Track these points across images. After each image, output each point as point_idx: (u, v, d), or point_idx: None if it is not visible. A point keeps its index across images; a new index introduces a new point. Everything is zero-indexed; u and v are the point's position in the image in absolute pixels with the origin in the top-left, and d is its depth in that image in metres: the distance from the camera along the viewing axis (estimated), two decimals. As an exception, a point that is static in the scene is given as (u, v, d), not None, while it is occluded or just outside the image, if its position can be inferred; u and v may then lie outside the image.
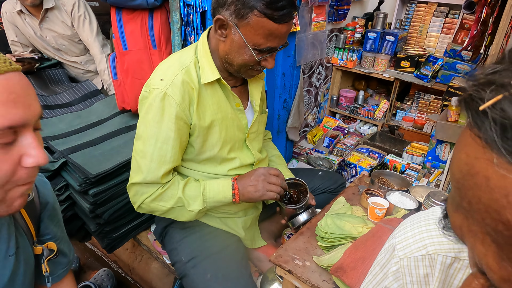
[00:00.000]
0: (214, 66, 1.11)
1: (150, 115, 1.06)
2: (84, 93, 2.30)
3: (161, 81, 1.06)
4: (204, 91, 1.12)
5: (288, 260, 1.04)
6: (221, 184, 1.15)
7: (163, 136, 1.07)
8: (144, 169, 1.07)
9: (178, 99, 1.05)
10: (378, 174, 1.46)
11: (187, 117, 1.09)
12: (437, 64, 2.38)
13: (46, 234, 0.91)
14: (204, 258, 1.25)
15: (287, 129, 2.15)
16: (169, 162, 1.09)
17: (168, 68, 1.09)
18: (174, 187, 1.12)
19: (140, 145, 1.09)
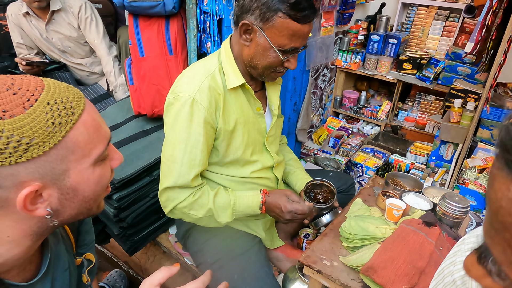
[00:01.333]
0: (238, 71, 1.16)
1: (179, 121, 1.10)
2: (94, 96, 2.32)
3: (188, 87, 1.10)
4: (229, 96, 1.17)
5: (317, 261, 1.10)
6: (250, 200, 1.21)
7: (193, 141, 1.11)
8: (175, 173, 1.11)
9: (206, 104, 1.09)
10: (391, 176, 1.53)
11: (213, 121, 1.13)
12: (438, 67, 2.46)
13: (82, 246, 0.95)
14: (230, 259, 1.29)
15: (297, 131, 2.21)
16: (198, 166, 1.13)
17: (194, 75, 1.14)
18: (204, 197, 1.16)
19: (170, 151, 1.13)
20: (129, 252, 1.62)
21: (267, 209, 1.23)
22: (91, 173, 0.61)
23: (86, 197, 0.63)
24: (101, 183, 0.64)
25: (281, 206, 1.20)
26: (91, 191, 0.63)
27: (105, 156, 0.64)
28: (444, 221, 1.23)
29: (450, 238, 1.16)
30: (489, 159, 2.11)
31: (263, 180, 1.37)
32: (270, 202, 1.23)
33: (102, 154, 0.62)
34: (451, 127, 2.11)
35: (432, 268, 0.96)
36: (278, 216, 1.24)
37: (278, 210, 1.21)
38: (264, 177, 1.37)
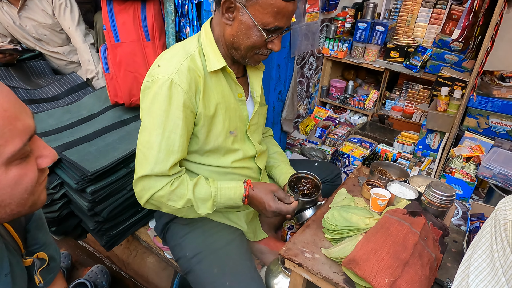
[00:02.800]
0: (219, 54, 1.11)
1: (156, 105, 1.04)
2: (71, 86, 2.21)
3: (166, 69, 1.04)
4: (209, 80, 1.11)
5: (298, 253, 1.05)
6: (232, 192, 1.15)
7: (171, 125, 1.04)
8: (151, 160, 1.04)
9: (185, 87, 1.03)
10: (376, 165, 1.49)
11: (193, 105, 1.07)
12: (426, 55, 2.42)
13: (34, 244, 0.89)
14: (210, 253, 1.25)
15: (282, 121, 2.15)
16: (177, 152, 1.07)
17: (172, 56, 1.08)
18: (183, 186, 1.09)
19: (146, 136, 1.06)
20: (106, 247, 1.56)
21: (250, 202, 1.19)
22: (3, 174, 0.52)
23: (2, 202, 0.54)
24: (21, 186, 0.56)
25: (265, 204, 1.16)
26: (6, 196, 0.54)
27: (25, 153, 0.55)
28: (430, 210, 1.19)
29: (436, 228, 1.12)
30: (475, 148, 2.10)
31: (245, 170, 1.32)
32: (254, 196, 1.17)
33: (19, 151, 0.53)
34: (438, 115, 2.08)
35: (416, 259, 0.92)
36: (260, 211, 1.21)
37: (261, 207, 1.18)
38: (246, 167, 1.32)
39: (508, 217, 0.71)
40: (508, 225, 0.71)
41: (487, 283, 0.71)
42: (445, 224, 1.16)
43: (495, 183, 1.88)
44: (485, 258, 0.74)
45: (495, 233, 0.72)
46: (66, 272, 1.96)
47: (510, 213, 0.72)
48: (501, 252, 0.70)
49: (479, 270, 0.74)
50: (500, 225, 0.72)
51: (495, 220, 0.74)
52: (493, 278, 0.71)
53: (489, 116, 2.22)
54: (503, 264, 0.69)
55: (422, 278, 0.89)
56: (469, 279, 0.74)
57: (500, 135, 2.24)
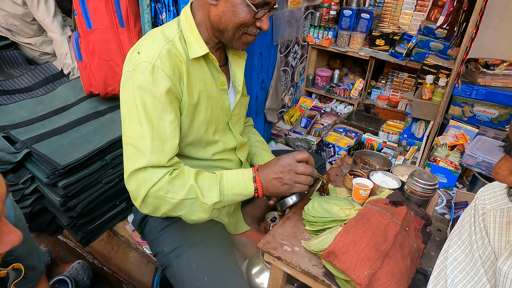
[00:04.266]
0: (201, 40, 1.05)
1: (140, 92, 0.97)
2: (45, 76, 2.12)
3: (147, 54, 0.97)
4: (191, 66, 1.06)
5: (277, 247, 1.01)
6: (240, 174, 1.02)
7: (159, 112, 0.97)
8: (146, 150, 0.94)
9: (169, 72, 0.97)
10: (360, 154, 1.46)
11: (178, 92, 1.02)
12: (411, 42, 2.39)
13: (10, 255, 0.82)
14: (188, 247, 1.21)
15: (266, 111, 2.10)
16: (171, 140, 0.98)
17: (151, 42, 1.01)
18: (183, 175, 0.98)
19: (135, 127, 0.97)
20: (82, 243, 1.50)
21: (263, 178, 1.02)
22: None
23: None
24: None
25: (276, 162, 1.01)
26: None
27: None
28: (412, 199, 1.17)
29: (418, 218, 1.10)
30: (460, 136, 2.09)
31: (225, 163, 1.28)
32: (263, 168, 1.04)
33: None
34: (423, 104, 2.06)
35: (397, 251, 0.89)
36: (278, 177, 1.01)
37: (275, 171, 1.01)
38: (227, 159, 1.28)
39: (486, 207, 0.70)
40: (487, 214, 0.68)
41: (466, 274, 0.69)
42: (428, 213, 1.13)
43: (479, 171, 1.88)
44: (463, 249, 0.71)
45: (474, 223, 0.70)
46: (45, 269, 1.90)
47: (489, 202, 0.70)
48: (479, 242, 0.68)
49: (458, 261, 0.72)
50: (478, 215, 0.70)
51: (474, 209, 0.72)
52: (472, 269, 0.68)
53: (474, 104, 2.22)
54: (481, 255, 0.67)
55: (403, 269, 0.86)
56: (448, 270, 0.72)
57: (484, 123, 2.24)
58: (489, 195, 0.72)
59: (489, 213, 0.69)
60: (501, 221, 0.66)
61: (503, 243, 0.65)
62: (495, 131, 2.23)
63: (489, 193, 0.72)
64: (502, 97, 2.12)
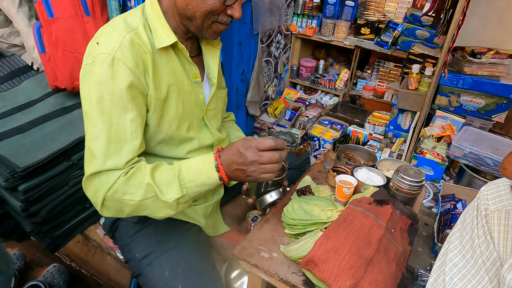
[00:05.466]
0: (168, 28, 0.96)
1: (98, 87, 0.87)
2: (11, 70, 1.97)
3: (106, 44, 0.87)
4: (158, 57, 0.96)
5: (254, 253, 0.94)
6: (200, 163, 0.91)
7: (118, 109, 0.88)
8: (100, 153, 0.87)
9: (131, 65, 0.88)
10: (343, 149, 1.39)
11: (143, 86, 0.92)
12: (397, 30, 2.32)
13: None
14: (161, 253, 1.12)
15: (247, 104, 2.01)
16: (131, 140, 0.90)
17: (112, 31, 0.91)
18: (139, 173, 0.89)
19: (90, 126, 0.89)
20: (49, 249, 1.40)
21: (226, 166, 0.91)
22: None
23: None
24: None
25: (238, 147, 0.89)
26: None
27: None
28: (398, 197, 1.10)
29: (404, 217, 1.03)
30: (446, 127, 2.04)
31: None
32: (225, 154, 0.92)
33: None
34: (409, 94, 2.00)
35: (382, 256, 0.83)
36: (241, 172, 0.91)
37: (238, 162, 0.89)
38: None
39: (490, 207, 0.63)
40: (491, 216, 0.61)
41: (467, 282, 0.61)
42: (414, 212, 1.07)
43: (466, 163, 1.84)
44: (464, 253, 0.64)
45: (476, 225, 0.63)
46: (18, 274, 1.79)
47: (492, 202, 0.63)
48: (483, 247, 0.60)
49: (458, 267, 0.64)
50: (482, 216, 0.63)
51: (477, 210, 0.64)
52: (474, 276, 0.61)
53: (460, 94, 2.17)
54: (485, 261, 0.59)
55: (388, 276, 0.80)
56: (447, 277, 0.64)
57: (471, 113, 2.20)
58: (492, 195, 0.65)
59: (492, 215, 0.62)
60: (507, 223, 0.60)
61: (508, 248, 0.58)
62: (482, 121, 2.19)
63: (493, 192, 0.65)
64: (488, 86, 2.08)
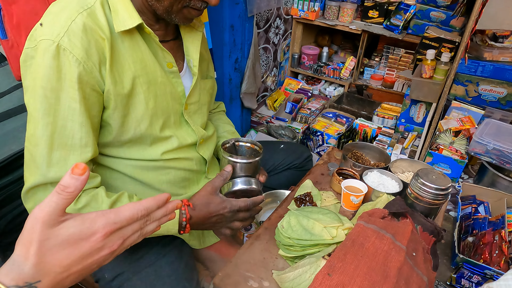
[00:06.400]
0: (132, 7, 0.79)
1: (39, 81, 0.72)
2: (-19, 60, 1.79)
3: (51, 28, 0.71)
4: (120, 44, 0.79)
5: (239, 282, 0.75)
6: None
7: (65, 110, 0.74)
8: (41, 161, 0.73)
9: (80, 55, 0.72)
10: (351, 147, 1.19)
11: (96, 81, 0.76)
12: (409, 13, 2.10)
13: None
14: (133, 274, 0.95)
15: (242, 95, 1.81)
16: (80, 147, 0.76)
17: (61, 10, 0.74)
18: (96, 205, 0.77)
19: (31, 128, 0.75)
20: (14, 264, 1.23)
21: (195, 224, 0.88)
22: None
23: None
24: None
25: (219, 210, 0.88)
26: None
27: None
28: (418, 207, 0.91)
29: (426, 234, 0.84)
30: (465, 120, 1.83)
31: (183, 162, 1.00)
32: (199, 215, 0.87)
33: None
34: (423, 83, 1.79)
35: (402, 291, 0.64)
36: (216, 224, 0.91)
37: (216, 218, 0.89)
38: (184, 157, 1.00)
39: None
40: None
41: None
42: (438, 226, 0.88)
43: (489, 160, 1.63)
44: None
45: None
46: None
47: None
48: None
49: None
50: None
51: None
52: None
53: (479, 83, 1.96)
54: None
55: (411, 319, 0.61)
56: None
57: (490, 103, 1.99)
58: None
59: None
60: None
61: None
62: (503, 112, 1.98)
63: None
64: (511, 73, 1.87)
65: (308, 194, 1.00)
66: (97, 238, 0.42)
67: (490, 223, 1.39)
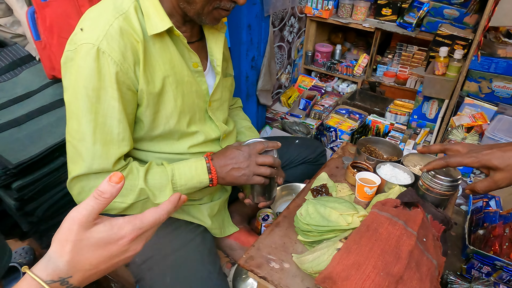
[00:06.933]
0: (163, 11, 0.85)
1: (81, 82, 0.80)
2: (13, 59, 1.89)
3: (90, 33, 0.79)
4: (152, 46, 0.86)
5: (262, 263, 0.82)
6: (193, 167, 0.93)
7: (105, 108, 0.81)
8: (86, 154, 0.82)
9: (117, 57, 0.79)
10: (364, 142, 1.24)
11: (131, 81, 0.83)
12: (422, 10, 2.12)
13: None
14: (162, 258, 1.03)
15: (258, 92, 1.88)
16: (118, 141, 0.84)
17: (99, 15, 0.82)
18: (132, 176, 0.87)
19: (75, 125, 0.82)
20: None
21: (218, 169, 0.95)
22: None
23: None
24: None
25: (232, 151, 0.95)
26: None
27: None
28: (429, 198, 0.96)
29: (436, 222, 0.89)
30: (477, 116, 1.86)
31: None
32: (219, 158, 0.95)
33: None
34: (436, 80, 1.82)
35: (413, 272, 0.70)
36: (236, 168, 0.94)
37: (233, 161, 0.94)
38: (208, 151, 1.08)
39: None
40: None
41: None
42: (448, 215, 0.93)
43: (500, 155, 1.65)
44: None
45: None
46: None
47: None
48: None
49: None
50: None
51: None
52: None
53: (492, 79, 1.98)
54: None
55: (421, 297, 0.67)
56: None
57: (504, 100, 2.01)
58: None
59: None
60: None
61: None
62: (516, 109, 1.99)
63: None
64: (525, 70, 1.88)
65: (324, 186, 1.06)
66: (123, 242, 0.47)
67: (501, 216, 1.43)
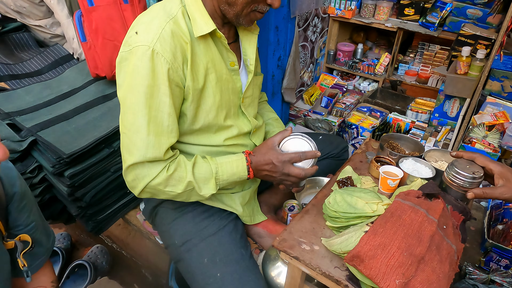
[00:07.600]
0: (207, 15, 0.95)
1: (137, 80, 0.89)
2: (55, 59, 2.05)
3: (145, 35, 0.89)
4: (197, 47, 0.96)
5: (294, 245, 0.91)
6: (234, 165, 1.05)
7: (157, 103, 0.91)
8: (141, 145, 0.92)
9: (169, 57, 0.89)
10: (387, 138, 1.31)
11: (180, 78, 0.93)
12: (445, 10, 2.15)
13: (17, 226, 0.84)
14: (200, 241, 1.13)
15: (283, 90, 1.96)
16: (167, 133, 0.95)
17: (151, 20, 0.92)
18: (181, 169, 0.98)
19: (130, 118, 0.92)
20: (94, 232, 1.46)
21: (255, 170, 1.08)
22: None
23: None
24: None
25: (272, 159, 1.05)
26: None
27: None
28: (450, 191, 1.02)
29: (456, 212, 0.96)
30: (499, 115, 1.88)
31: (239, 148, 1.18)
32: (257, 160, 1.07)
33: None
34: (458, 79, 1.86)
35: (434, 254, 0.77)
36: (270, 174, 1.08)
37: (269, 166, 1.06)
38: (240, 144, 1.18)
39: None
40: None
41: None
42: (467, 207, 0.99)
43: (521, 153, 1.69)
44: None
45: None
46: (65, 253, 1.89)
47: None
48: None
49: None
50: None
51: None
52: None
53: (515, 78, 1.99)
54: None
55: (441, 276, 0.74)
56: None
57: (527, 99, 2.02)
58: None
59: None
60: None
61: None
62: (539, 108, 2.00)
63: None
64: (549, 69, 1.89)
65: (349, 178, 1.14)
66: None
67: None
